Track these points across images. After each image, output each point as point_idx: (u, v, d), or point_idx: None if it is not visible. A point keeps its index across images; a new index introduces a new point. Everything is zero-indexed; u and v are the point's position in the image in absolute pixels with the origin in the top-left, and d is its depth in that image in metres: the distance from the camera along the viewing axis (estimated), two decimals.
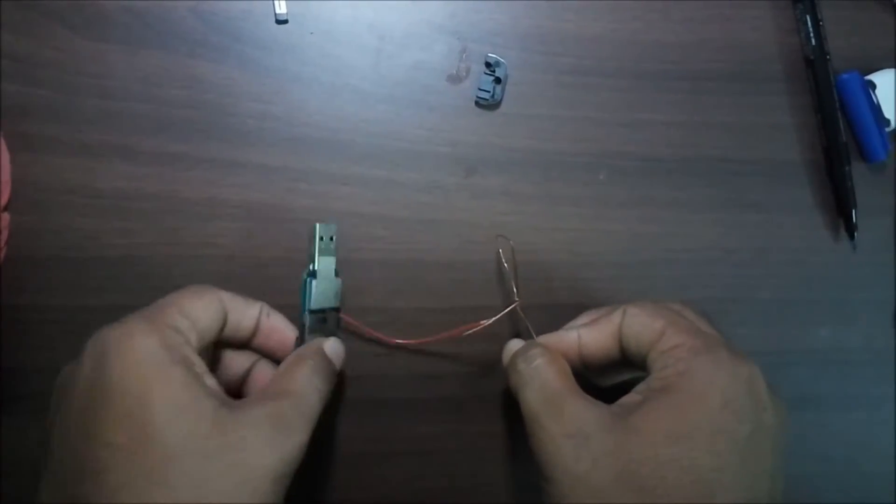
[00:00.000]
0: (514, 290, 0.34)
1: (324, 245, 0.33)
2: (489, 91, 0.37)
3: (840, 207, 0.40)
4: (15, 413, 0.34)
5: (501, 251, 0.36)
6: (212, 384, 0.27)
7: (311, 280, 0.32)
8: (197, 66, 0.36)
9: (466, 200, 0.38)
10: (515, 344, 0.33)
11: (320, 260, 0.33)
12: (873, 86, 0.40)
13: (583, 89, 0.39)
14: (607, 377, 0.34)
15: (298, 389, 0.28)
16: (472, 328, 0.33)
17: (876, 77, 0.40)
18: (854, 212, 0.39)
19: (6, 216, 0.34)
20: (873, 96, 0.40)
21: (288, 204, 0.36)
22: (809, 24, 0.40)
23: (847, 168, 0.39)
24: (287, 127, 0.37)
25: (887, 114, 0.40)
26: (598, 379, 0.34)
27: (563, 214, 0.38)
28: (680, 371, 0.27)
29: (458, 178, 0.38)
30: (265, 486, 0.25)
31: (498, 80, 0.37)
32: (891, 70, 0.40)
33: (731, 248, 0.40)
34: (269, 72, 0.37)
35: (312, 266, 0.33)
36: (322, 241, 0.33)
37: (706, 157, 0.40)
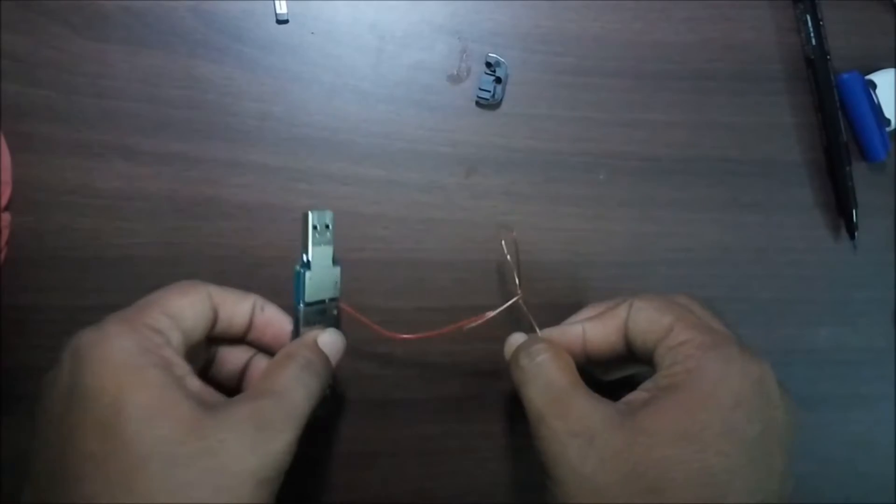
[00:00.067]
0: (517, 282, 0.33)
1: (319, 234, 0.30)
2: (489, 91, 0.37)
3: (840, 207, 0.40)
4: (15, 413, 0.34)
5: (504, 243, 0.35)
6: (194, 385, 0.26)
7: (303, 271, 0.30)
8: (197, 66, 0.36)
9: (466, 200, 0.38)
10: (518, 338, 0.31)
11: (315, 250, 0.30)
12: (874, 85, 0.40)
13: (583, 89, 0.39)
14: (609, 371, 0.33)
15: (282, 387, 0.27)
16: (475, 321, 0.32)
17: (876, 77, 0.40)
18: (854, 212, 0.39)
19: (6, 216, 0.34)
20: (874, 96, 0.40)
21: (288, 204, 0.36)
22: (810, 23, 0.39)
23: (847, 168, 0.39)
24: (287, 127, 0.37)
25: (887, 114, 0.40)
26: (599, 373, 0.34)
27: (563, 214, 0.38)
28: (689, 368, 0.26)
29: (459, 178, 0.38)
30: (247, 490, 0.24)
31: (498, 80, 0.37)
32: (891, 70, 0.40)
33: (731, 248, 0.40)
34: (269, 72, 0.37)
35: (305, 256, 0.30)
36: (316, 229, 0.30)
37: (706, 157, 0.40)
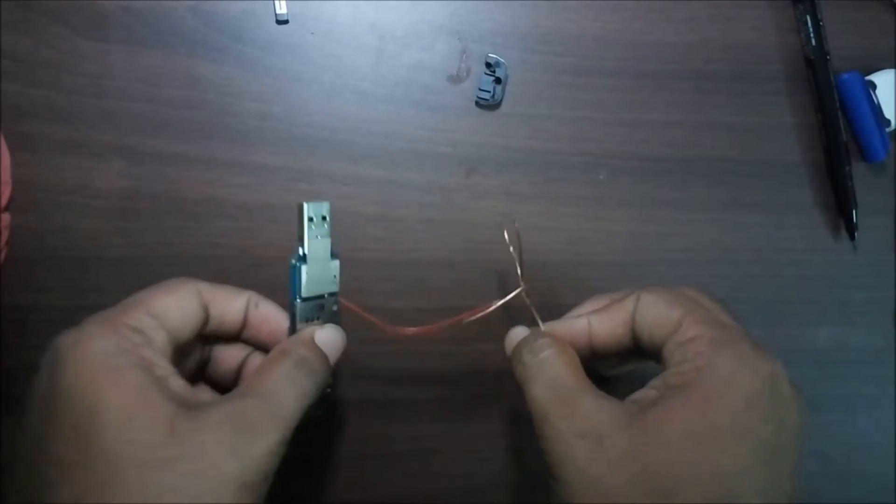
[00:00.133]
0: (519, 273, 0.32)
1: (315, 226, 0.29)
2: (489, 91, 0.37)
3: (840, 207, 0.40)
4: (15, 413, 0.34)
5: (507, 234, 0.33)
6: (177, 386, 0.25)
7: (299, 265, 0.29)
8: (197, 66, 0.36)
9: (467, 200, 0.38)
10: (520, 332, 0.30)
11: (312, 243, 0.29)
12: (873, 86, 0.40)
13: (583, 89, 0.39)
14: (612, 366, 0.32)
15: (268, 387, 0.25)
16: (478, 313, 0.31)
17: (876, 77, 0.40)
18: (854, 212, 0.39)
19: (6, 216, 0.34)
20: (873, 96, 0.40)
21: (288, 204, 0.36)
22: (809, 24, 0.39)
23: (847, 168, 0.39)
24: (287, 127, 0.37)
25: (887, 114, 0.40)
26: (601, 367, 0.33)
27: (563, 214, 0.38)
28: (699, 366, 0.25)
29: (459, 178, 0.38)
30: (229, 494, 0.23)
31: (498, 81, 0.37)
32: (891, 70, 0.40)
33: (731, 248, 0.40)
34: (269, 72, 0.37)
35: (302, 250, 0.29)
36: (312, 221, 0.29)
37: (706, 157, 0.40)
